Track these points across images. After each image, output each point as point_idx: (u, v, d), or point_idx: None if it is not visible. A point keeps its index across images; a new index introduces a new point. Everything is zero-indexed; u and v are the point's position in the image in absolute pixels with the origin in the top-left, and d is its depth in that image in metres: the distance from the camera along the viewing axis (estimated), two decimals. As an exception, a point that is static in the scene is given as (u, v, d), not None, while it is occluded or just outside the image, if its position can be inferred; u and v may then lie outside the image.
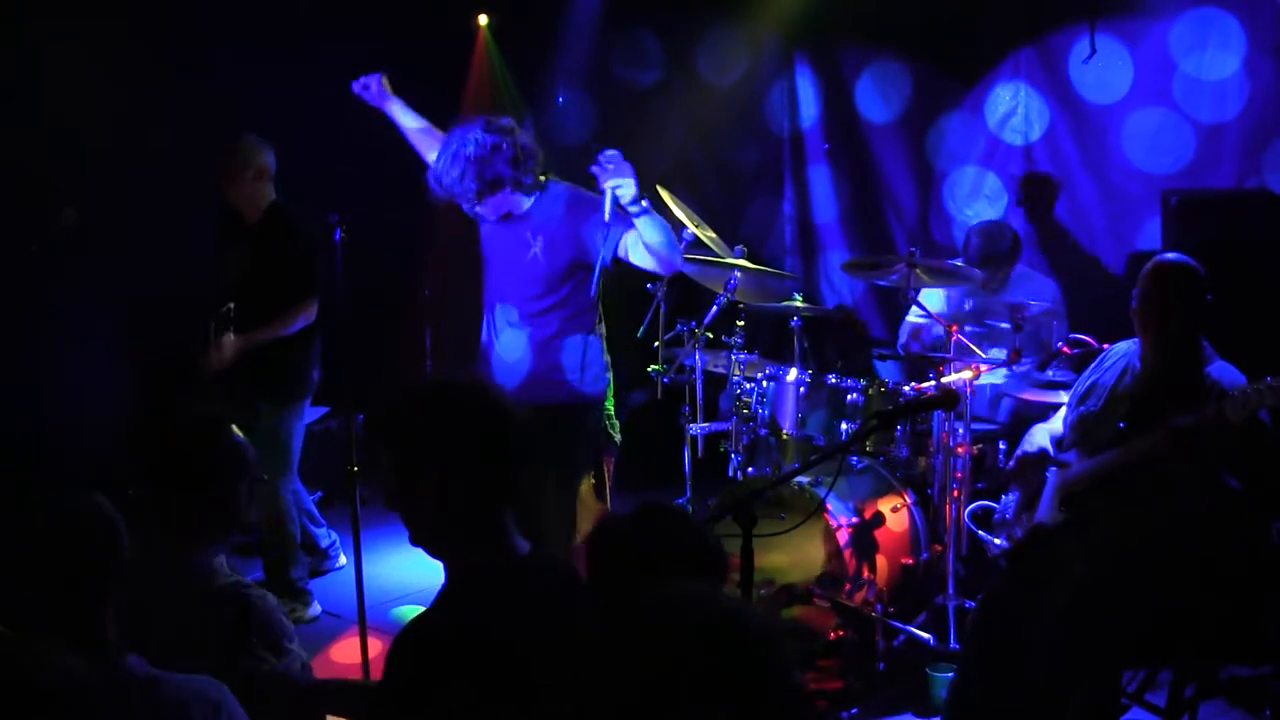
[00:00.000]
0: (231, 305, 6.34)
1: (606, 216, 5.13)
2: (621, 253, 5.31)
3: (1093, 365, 5.27)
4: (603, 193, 5.13)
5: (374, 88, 5.79)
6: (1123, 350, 5.14)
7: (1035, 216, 8.03)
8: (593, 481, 5.50)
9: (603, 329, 5.60)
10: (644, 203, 5.11)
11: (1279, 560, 4.65)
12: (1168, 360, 4.83)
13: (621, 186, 5.07)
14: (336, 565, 7.38)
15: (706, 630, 1.91)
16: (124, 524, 2.86)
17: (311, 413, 6.94)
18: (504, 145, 5.24)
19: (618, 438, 5.71)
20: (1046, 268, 7.80)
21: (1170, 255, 4.98)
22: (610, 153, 5.13)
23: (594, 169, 5.13)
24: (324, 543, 7.29)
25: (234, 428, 3.58)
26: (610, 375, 5.64)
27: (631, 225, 5.19)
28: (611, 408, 5.67)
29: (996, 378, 6.40)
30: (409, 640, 2.94)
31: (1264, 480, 4.61)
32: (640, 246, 5.23)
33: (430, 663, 2.88)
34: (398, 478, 3.05)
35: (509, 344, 5.53)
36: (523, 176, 5.30)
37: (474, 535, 3.02)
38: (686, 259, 6.05)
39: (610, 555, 3.07)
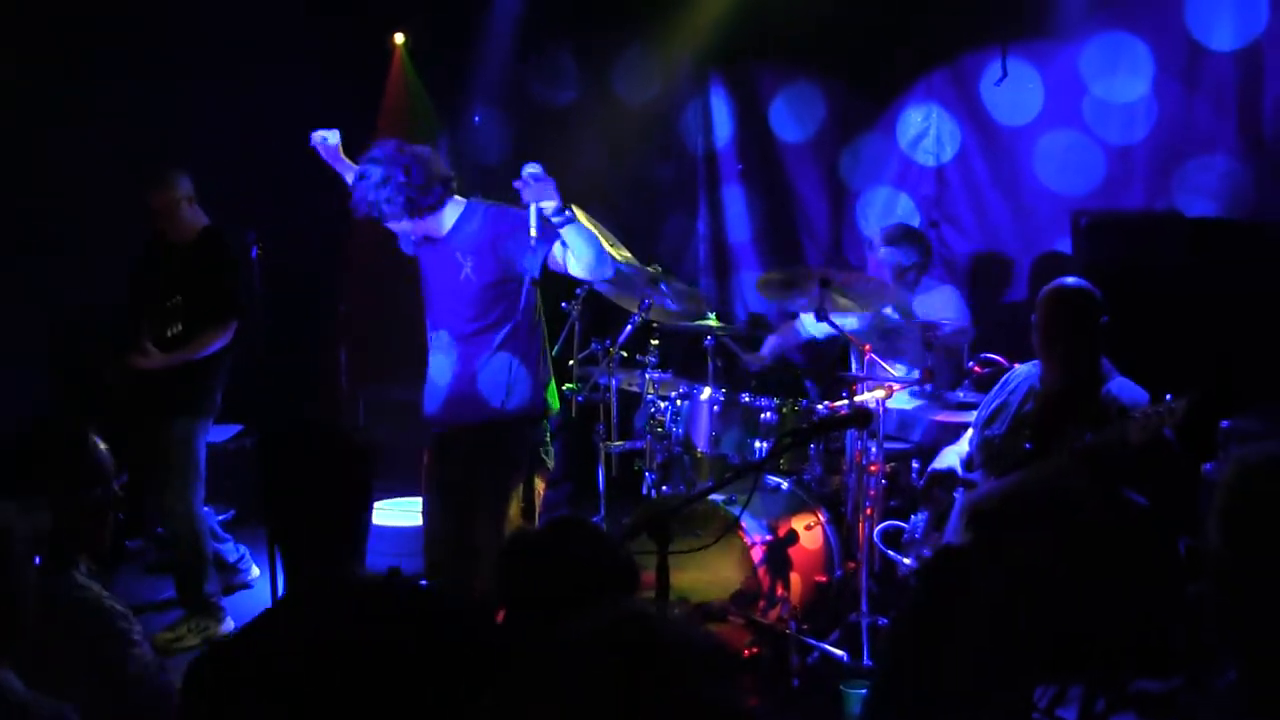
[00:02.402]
0: (180, 298, 6.27)
1: (533, 232, 5.15)
2: (558, 264, 5.32)
3: (997, 388, 5.35)
4: (526, 207, 5.15)
5: (331, 141, 5.71)
6: (1024, 373, 5.24)
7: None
8: (522, 504, 5.47)
9: (543, 345, 5.57)
10: (567, 212, 5.14)
11: (1185, 575, 4.72)
12: (1068, 380, 4.93)
13: (545, 201, 5.11)
14: (248, 579, 7.31)
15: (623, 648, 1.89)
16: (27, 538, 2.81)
17: (225, 430, 6.87)
18: (396, 173, 5.22)
19: (550, 461, 5.68)
20: (949, 279, 7.86)
21: (1068, 280, 5.08)
22: (532, 168, 5.15)
23: (517, 184, 5.15)
24: (231, 558, 7.22)
25: (95, 438, 3.52)
26: (549, 395, 5.61)
27: (559, 238, 5.21)
28: (548, 431, 5.65)
29: (906, 401, 6.44)
30: (207, 661, 2.98)
31: (1169, 497, 4.69)
32: (572, 255, 5.26)
33: (232, 682, 2.90)
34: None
35: (445, 365, 5.51)
36: (420, 200, 5.28)
37: (306, 557, 3.10)
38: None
39: (521, 570, 3.08)
